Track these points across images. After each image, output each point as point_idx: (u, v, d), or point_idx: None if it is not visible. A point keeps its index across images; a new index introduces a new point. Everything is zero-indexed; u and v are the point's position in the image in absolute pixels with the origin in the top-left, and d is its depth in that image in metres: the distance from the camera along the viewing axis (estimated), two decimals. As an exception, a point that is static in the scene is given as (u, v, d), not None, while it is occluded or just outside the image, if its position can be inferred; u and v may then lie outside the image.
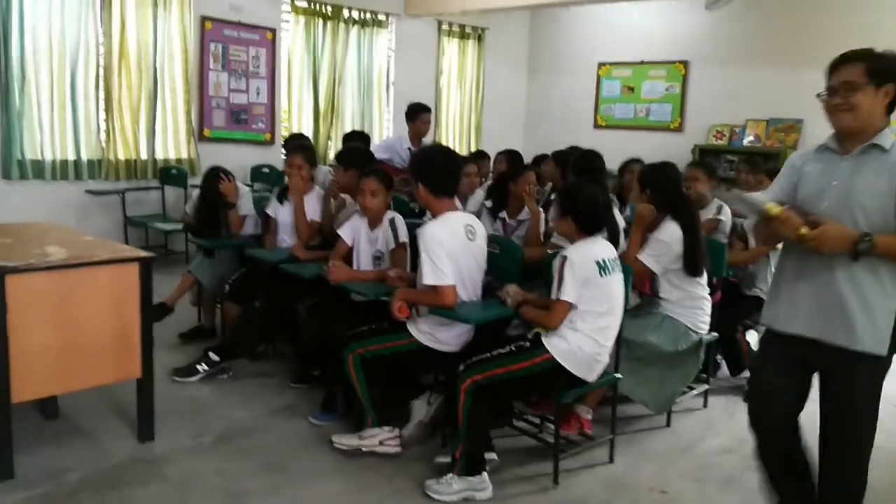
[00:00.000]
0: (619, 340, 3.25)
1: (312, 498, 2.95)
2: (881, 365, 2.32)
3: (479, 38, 9.68)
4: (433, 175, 3.26)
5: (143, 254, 3.26)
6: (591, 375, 3.03)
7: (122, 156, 6.71)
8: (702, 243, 3.60)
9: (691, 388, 3.91)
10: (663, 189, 3.64)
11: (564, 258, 2.93)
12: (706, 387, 4.01)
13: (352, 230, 3.84)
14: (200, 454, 3.25)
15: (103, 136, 6.62)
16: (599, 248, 3.06)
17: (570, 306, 2.94)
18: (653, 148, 7.76)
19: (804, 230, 2.18)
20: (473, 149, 9.66)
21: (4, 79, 5.89)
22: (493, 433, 3.20)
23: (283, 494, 2.95)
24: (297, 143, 4.88)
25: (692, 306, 3.63)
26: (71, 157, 6.41)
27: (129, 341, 3.17)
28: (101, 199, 6.60)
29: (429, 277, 3.08)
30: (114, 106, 6.58)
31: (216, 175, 4.56)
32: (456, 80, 9.52)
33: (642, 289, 3.67)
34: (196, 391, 3.90)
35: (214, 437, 3.42)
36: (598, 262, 2.96)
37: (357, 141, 5.65)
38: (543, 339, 2.97)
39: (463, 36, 9.50)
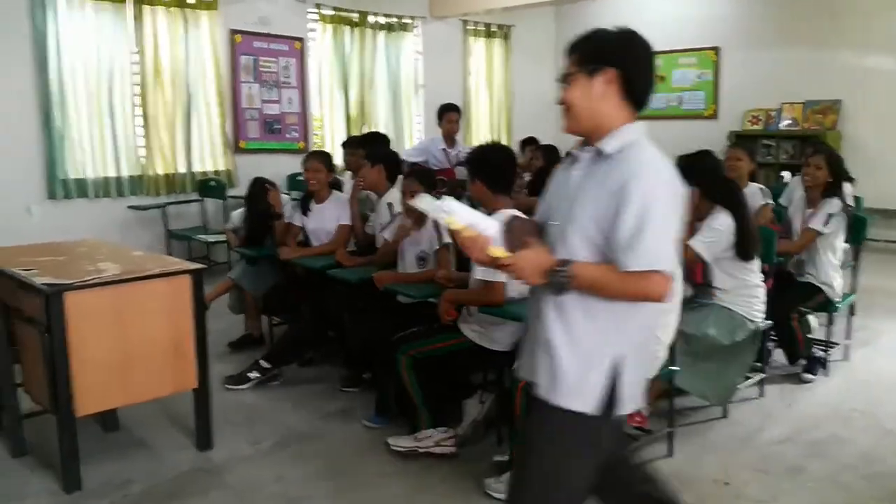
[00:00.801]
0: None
1: (372, 502, 2.95)
2: (579, 422, 1.84)
3: (506, 36, 9.65)
4: (491, 171, 3.23)
5: (194, 266, 3.29)
6: (654, 369, 2.99)
7: (161, 171, 6.82)
8: (752, 227, 3.54)
9: (747, 378, 3.84)
10: (706, 179, 3.59)
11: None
12: (762, 375, 3.94)
13: (394, 233, 3.85)
14: (259, 461, 3.27)
15: (142, 152, 6.74)
16: None
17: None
18: (687, 137, 7.62)
19: (498, 253, 1.81)
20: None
21: (45, 101, 6.02)
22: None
23: (341, 499, 2.96)
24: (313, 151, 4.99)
25: (747, 295, 3.57)
26: (112, 174, 6.53)
27: (184, 352, 3.20)
28: (142, 214, 6.71)
29: (479, 272, 3.06)
30: (151, 122, 6.69)
31: (262, 186, 4.62)
32: (485, 79, 9.51)
33: (694, 279, 3.61)
34: (248, 399, 3.93)
35: (271, 443, 3.44)
36: None
37: (379, 143, 5.64)
38: None
39: (489, 35, 9.48)
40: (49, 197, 6.15)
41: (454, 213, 1.85)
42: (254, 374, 4.03)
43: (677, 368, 3.21)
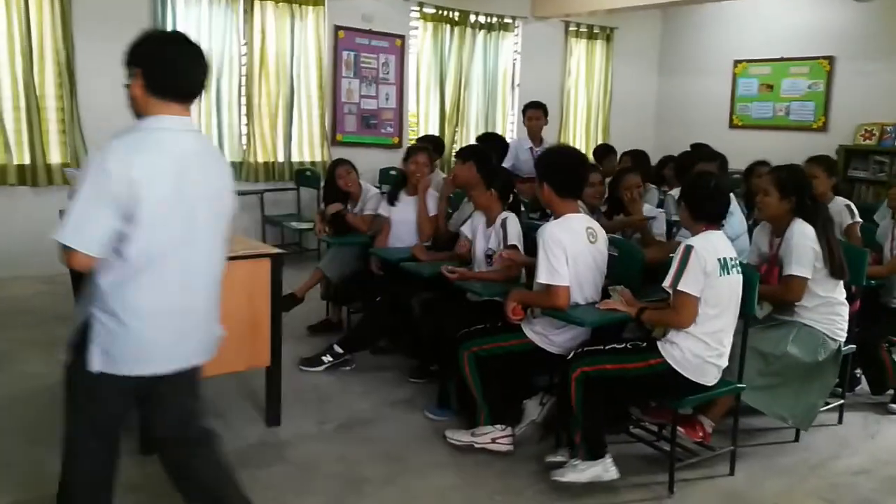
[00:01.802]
0: (744, 349, 3.13)
1: (425, 490, 3.03)
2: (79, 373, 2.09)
3: (608, 38, 9.52)
4: (559, 174, 3.25)
5: (275, 250, 3.46)
6: (708, 379, 2.93)
7: (261, 159, 7.15)
8: (835, 246, 3.39)
9: (826, 403, 3.68)
10: (803, 194, 3.46)
11: (690, 248, 2.85)
12: (842, 401, 3.76)
13: (472, 227, 3.91)
14: (322, 440, 3.41)
15: (245, 140, 7.07)
16: (722, 243, 2.96)
17: (696, 300, 2.84)
18: (793, 149, 7.31)
19: None
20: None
21: (160, 89, 6.41)
22: (609, 439, 3.14)
23: (397, 484, 3.05)
24: (419, 144, 5.07)
25: (829, 313, 3.42)
26: (216, 159, 6.88)
27: (260, 331, 3.37)
28: (242, 199, 7.02)
29: (543, 275, 3.09)
30: (254, 112, 7.02)
31: (333, 169, 4.86)
32: (584, 81, 9.42)
33: (770, 280, 3.49)
34: (320, 381, 4.09)
35: (336, 424, 3.58)
36: (719, 260, 2.87)
37: (491, 143, 5.68)
38: (658, 344, 2.91)
39: (591, 36, 9.38)
40: (157, 178, 6.55)
41: None
42: (327, 358, 4.19)
43: (744, 385, 3.12)
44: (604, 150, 6.79)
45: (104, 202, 1.95)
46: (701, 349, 2.87)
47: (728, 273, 2.90)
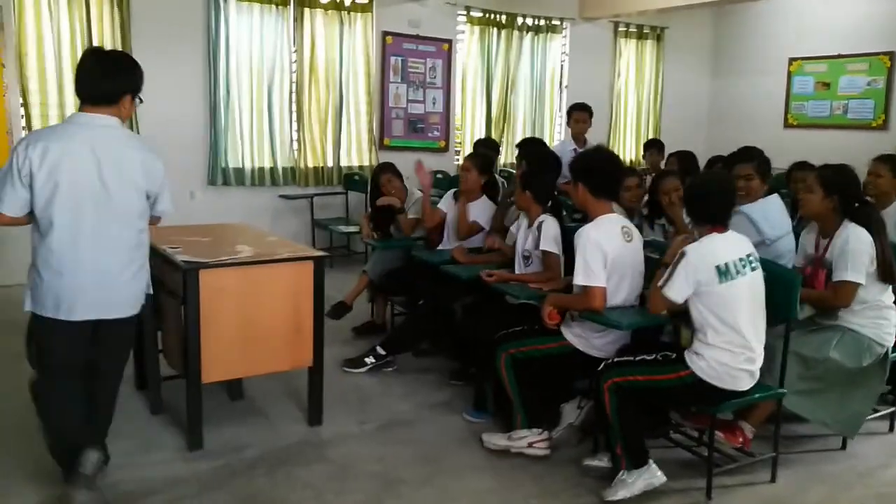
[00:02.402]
0: (786, 354, 3.07)
1: (461, 492, 3.06)
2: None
3: (658, 38, 9.40)
4: (594, 175, 3.26)
5: (318, 253, 3.55)
6: (740, 385, 2.88)
7: (311, 164, 7.30)
8: (887, 249, 3.30)
9: (875, 410, 3.58)
10: (851, 193, 3.39)
11: (682, 254, 2.85)
12: (893, 409, 3.65)
13: (518, 227, 3.94)
14: (363, 440, 3.48)
15: (295, 145, 7.23)
16: (724, 248, 2.87)
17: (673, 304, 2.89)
18: (851, 148, 7.13)
19: None
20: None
21: (213, 97, 6.63)
22: (648, 444, 3.13)
23: (434, 486, 3.09)
24: (474, 150, 5.10)
25: (876, 317, 3.32)
26: (267, 164, 7.07)
27: (302, 332, 3.46)
28: (292, 203, 7.22)
29: (579, 277, 3.10)
30: (304, 118, 7.17)
31: (376, 173, 5.00)
32: (633, 82, 9.32)
33: (814, 285, 3.41)
34: (363, 382, 4.16)
35: (377, 425, 3.64)
36: (717, 268, 2.81)
37: (538, 145, 5.60)
38: (685, 355, 2.88)
39: (641, 36, 9.28)
40: (210, 183, 6.77)
41: None
42: (370, 360, 4.26)
43: (784, 391, 3.06)
44: (649, 144, 6.81)
45: (12, 174, 2.59)
46: (727, 358, 2.83)
47: (733, 277, 2.82)
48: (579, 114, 6.17)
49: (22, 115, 5.95)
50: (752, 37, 9.41)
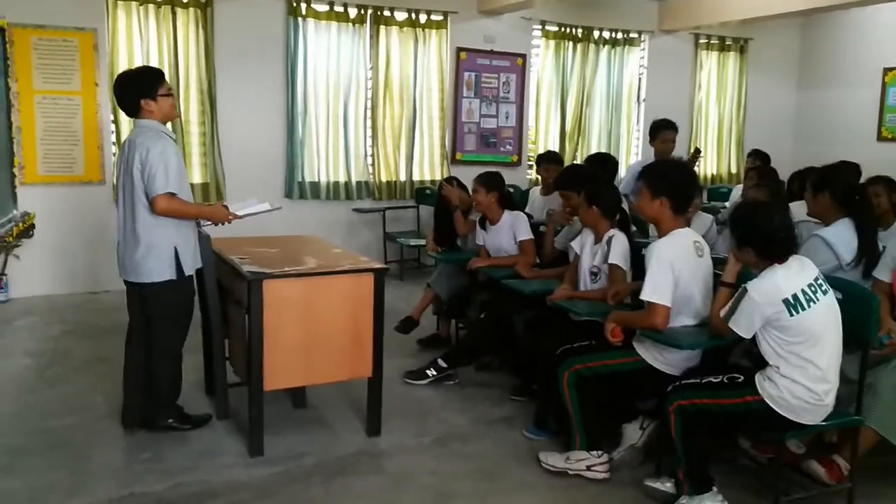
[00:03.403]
0: (862, 378, 2.89)
1: (515, 508, 3.02)
2: None
3: (742, 50, 9.11)
4: (678, 190, 3.16)
5: (378, 265, 3.59)
6: (813, 418, 2.73)
7: (384, 178, 7.41)
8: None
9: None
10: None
11: (745, 290, 2.72)
12: None
13: (580, 243, 3.87)
14: (419, 453, 3.48)
15: (369, 160, 7.36)
16: (788, 279, 2.71)
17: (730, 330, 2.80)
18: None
19: None
20: (734, 167, 9.14)
21: (291, 111, 6.84)
22: (715, 468, 2.99)
23: (487, 502, 3.06)
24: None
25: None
26: (342, 179, 7.22)
27: (362, 343, 3.49)
28: (365, 216, 7.34)
29: (646, 291, 3.01)
30: (378, 133, 7.30)
31: (440, 184, 4.98)
32: (715, 94, 9.07)
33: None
34: (424, 394, 4.17)
35: (434, 438, 3.63)
36: (786, 301, 2.66)
37: (603, 165, 5.41)
38: (756, 379, 2.75)
39: (723, 48, 9.02)
40: (286, 196, 6.96)
41: None
42: (431, 372, 4.26)
43: (860, 418, 2.89)
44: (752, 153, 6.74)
45: None
46: (801, 392, 2.69)
47: (805, 308, 2.67)
48: (669, 133, 5.70)
49: (112, 131, 6.29)
50: (842, 46, 9.00)
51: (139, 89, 3.37)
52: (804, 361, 2.68)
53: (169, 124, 3.55)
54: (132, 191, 3.35)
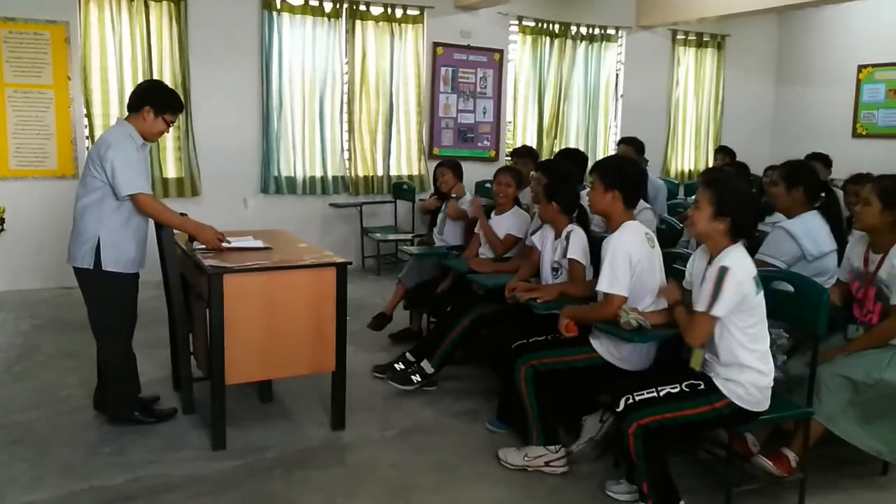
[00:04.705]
0: (813, 371, 2.94)
1: (472, 501, 3.04)
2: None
3: (719, 46, 9.17)
4: (631, 184, 3.21)
5: (340, 260, 3.58)
6: (766, 405, 2.78)
7: (361, 173, 7.42)
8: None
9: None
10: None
11: (725, 269, 2.65)
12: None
13: (541, 239, 3.89)
14: (382, 446, 3.50)
15: (346, 155, 7.36)
16: (748, 257, 2.77)
17: (715, 322, 2.69)
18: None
19: None
20: (711, 163, 9.18)
21: (265, 107, 6.83)
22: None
23: (445, 494, 3.08)
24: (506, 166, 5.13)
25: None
26: (318, 173, 7.22)
27: (325, 337, 3.50)
28: (341, 211, 7.34)
29: (603, 283, 3.06)
30: (355, 128, 7.30)
31: (438, 164, 5.24)
32: (692, 90, 9.12)
33: (866, 318, 3.25)
34: (391, 388, 4.16)
35: (397, 431, 3.66)
36: (755, 278, 2.71)
37: (571, 159, 5.51)
38: (717, 383, 2.74)
39: (700, 44, 9.08)
40: (262, 191, 6.96)
41: None
42: (399, 366, 4.28)
43: (812, 410, 2.93)
44: (719, 150, 6.98)
45: None
46: (758, 379, 2.72)
47: (761, 288, 2.73)
48: (624, 147, 5.92)
49: (86, 125, 6.27)
50: (818, 43, 9.08)
51: (155, 100, 3.48)
52: (759, 344, 2.72)
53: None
54: (83, 176, 3.46)
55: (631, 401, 2.76)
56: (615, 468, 3.26)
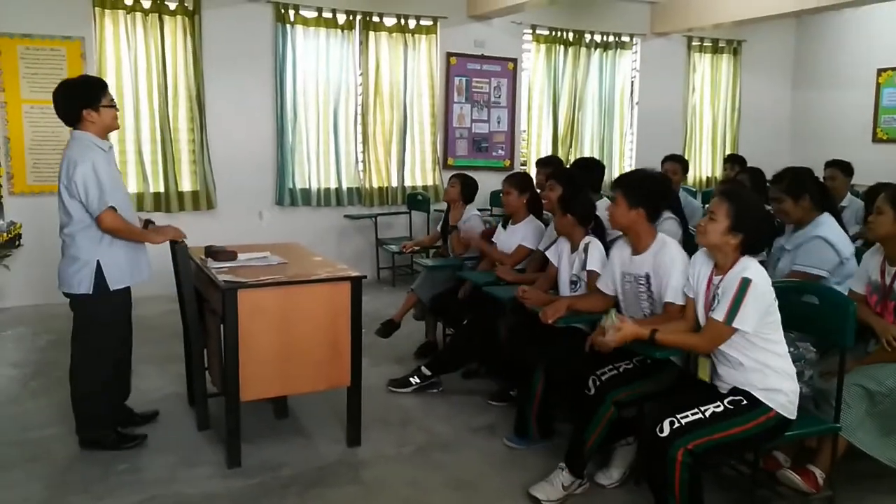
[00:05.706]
0: (840, 387, 2.86)
1: (492, 519, 2.99)
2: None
3: (735, 52, 9.08)
4: (654, 200, 3.15)
5: (355, 273, 3.55)
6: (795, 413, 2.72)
7: (375, 184, 7.39)
8: None
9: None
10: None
11: (748, 281, 2.58)
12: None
13: (556, 252, 3.83)
14: (399, 463, 3.45)
15: (360, 166, 7.34)
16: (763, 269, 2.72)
17: (733, 333, 2.62)
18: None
19: None
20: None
21: (280, 119, 6.83)
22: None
23: (463, 511, 3.03)
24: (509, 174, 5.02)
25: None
26: (333, 185, 7.21)
27: (340, 352, 3.46)
28: (357, 222, 7.32)
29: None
30: (369, 139, 7.28)
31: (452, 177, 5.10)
32: (709, 97, 9.03)
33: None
34: (407, 402, 4.13)
35: (415, 447, 3.60)
36: (773, 286, 2.67)
37: (588, 169, 5.41)
38: (758, 396, 2.64)
39: (716, 50, 8.99)
40: (277, 203, 6.95)
41: None
42: (415, 380, 4.24)
43: (839, 426, 2.85)
44: (729, 159, 6.82)
45: None
46: (793, 384, 2.68)
47: (776, 297, 2.68)
48: (671, 165, 5.68)
49: (101, 140, 6.28)
50: (836, 47, 8.97)
51: (82, 99, 3.31)
52: (784, 349, 2.67)
53: (115, 134, 3.62)
54: (62, 202, 3.34)
55: (677, 425, 2.54)
56: (636, 484, 3.19)
